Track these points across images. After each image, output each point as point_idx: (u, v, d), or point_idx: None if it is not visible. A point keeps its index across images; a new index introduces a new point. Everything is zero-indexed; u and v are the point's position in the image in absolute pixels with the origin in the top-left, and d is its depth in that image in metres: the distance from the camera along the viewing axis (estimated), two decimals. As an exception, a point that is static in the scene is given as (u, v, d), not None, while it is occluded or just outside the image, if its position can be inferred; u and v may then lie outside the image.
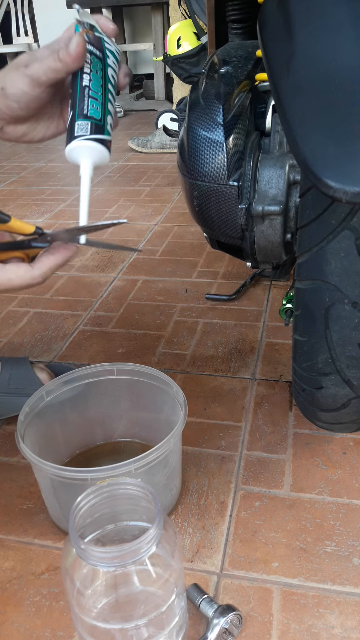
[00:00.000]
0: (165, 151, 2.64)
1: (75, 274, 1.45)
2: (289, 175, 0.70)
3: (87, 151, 0.53)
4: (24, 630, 0.61)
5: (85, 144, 0.53)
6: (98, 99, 0.54)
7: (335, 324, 0.62)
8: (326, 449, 0.83)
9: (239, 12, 1.00)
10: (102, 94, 0.55)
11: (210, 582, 0.65)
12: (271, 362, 1.04)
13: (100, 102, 0.54)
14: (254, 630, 0.59)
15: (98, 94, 0.54)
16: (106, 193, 2.10)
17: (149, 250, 1.56)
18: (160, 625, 0.51)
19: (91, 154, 0.54)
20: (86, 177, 0.54)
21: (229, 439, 0.86)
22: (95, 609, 0.49)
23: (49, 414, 0.75)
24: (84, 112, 0.53)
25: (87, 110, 0.53)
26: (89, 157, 0.54)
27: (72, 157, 0.54)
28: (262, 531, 0.71)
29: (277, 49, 0.55)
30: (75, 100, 0.53)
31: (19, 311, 1.27)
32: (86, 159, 0.54)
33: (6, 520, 0.74)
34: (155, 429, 0.78)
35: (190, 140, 0.71)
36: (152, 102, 3.84)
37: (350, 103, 0.48)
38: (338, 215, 0.57)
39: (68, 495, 0.65)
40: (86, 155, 0.54)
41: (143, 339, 1.13)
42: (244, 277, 1.36)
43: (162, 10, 3.42)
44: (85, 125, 0.53)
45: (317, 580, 0.64)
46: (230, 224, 0.73)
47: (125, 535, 0.56)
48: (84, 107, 0.53)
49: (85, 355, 1.08)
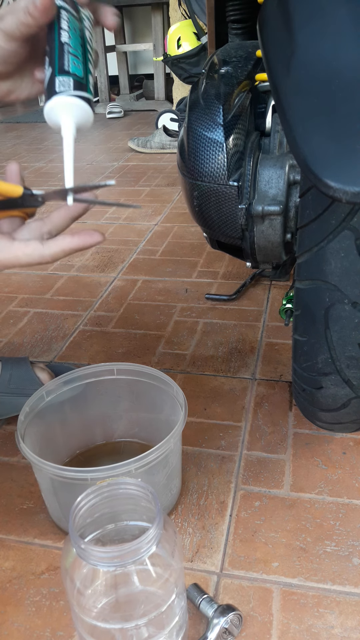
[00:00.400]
0: (165, 151, 2.64)
1: (75, 274, 1.45)
2: (289, 175, 0.70)
3: (70, 109, 0.49)
4: (24, 630, 0.61)
5: (67, 100, 0.49)
6: (79, 57, 0.51)
7: (335, 324, 0.62)
8: (326, 449, 0.83)
9: (239, 12, 1.00)
10: (82, 53, 0.51)
11: (210, 582, 0.65)
12: (271, 362, 1.04)
13: (82, 60, 0.51)
14: (254, 630, 0.59)
15: (78, 52, 0.51)
16: (106, 193, 2.10)
17: (149, 250, 1.56)
18: (160, 625, 0.51)
19: (74, 112, 0.50)
20: (69, 137, 0.50)
21: (229, 439, 0.86)
22: (95, 609, 0.49)
23: (49, 414, 0.75)
24: (65, 68, 0.49)
25: (67, 66, 0.50)
26: (71, 115, 0.49)
27: (52, 117, 0.50)
28: (262, 531, 0.71)
29: (277, 49, 0.55)
30: (54, 56, 0.50)
31: (19, 311, 1.27)
32: (68, 117, 0.49)
33: (6, 520, 0.74)
34: (155, 429, 0.78)
35: (190, 140, 0.71)
36: (152, 102, 3.84)
37: (350, 103, 0.48)
38: (338, 215, 0.57)
39: (68, 495, 0.65)
40: (68, 113, 0.49)
41: (143, 339, 1.13)
42: (244, 277, 1.36)
43: (162, 10, 3.42)
44: (67, 81, 0.49)
45: (317, 580, 0.64)
46: (230, 224, 0.73)
47: (125, 535, 0.56)
48: (64, 62, 0.50)
49: (85, 355, 1.08)
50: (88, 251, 1.57)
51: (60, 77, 0.49)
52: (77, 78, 0.50)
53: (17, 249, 0.51)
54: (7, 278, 1.44)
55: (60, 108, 0.49)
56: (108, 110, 3.66)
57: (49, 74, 0.50)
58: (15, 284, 1.40)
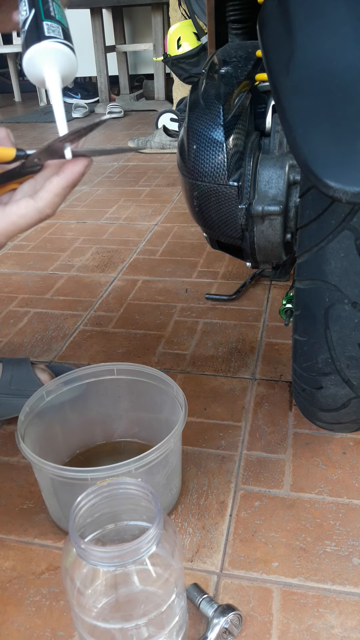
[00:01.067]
0: (165, 151, 2.64)
1: (76, 274, 1.45)
2: (289, 175, 0.70)
3: (58, 57, 0.45)
4: (24, 629, 0.61)
5: (58, 47, 0.45)
6: (60, 7, 0.48)
7: (335, 324, 0.62)
8: (326, 449, 0.83)
9: (239, 13, 1.00)
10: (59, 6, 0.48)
11: (210, 582, 0.65)
12: (271, 362, 1.04)
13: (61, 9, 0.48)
14: (254, 630, 0.59)
15: (58, 3, 0.48)
16: (106, 193, 2.10)
17: (149, 251, 1.56)
18: (160, 624, 0.51)
19: (61, 61, 0.45)
20: (56, 85, 0.46)
21: (229, 439, 0.86)
22: (96, 609, 0.49)
23: (49, 414, 0.75)
24: (51, 14, 0.46)
25: (53, 12, 0.46)
26: (56, 64, 0.45)
27: (35, 62, 0.45)
28: (262, 531, 0.71)
29: (277, 49, 0.55)
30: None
31: (19, 311, 1.27)
32: (53, 66, 0.45)
33: (6, 520, 0.74)
34: (155, 429, 0.78)
35: (190, 140, 0.71)
36: (152, 103, 3.84)
37: (350, 103, 0.48)
38: (338, 215, 0.57)
39: (68, 495, 0.65)
40: (54, 61, 0.45)
41: (143, 339, 1.13)
42: (244, 277, 1.36)
43: (162, 10, 3.42)
44: (56, 27, 0.45)
45: (317, 580, 0.64)
46: (230, 224, 0.73)
47: (125, 535, 0.56)
48: (49, 8, 0.46)
49: (85, 355, 1.08)
50: (88, 251, 1.57)
51: (48, 21, 0.46)
52: (63, 27, 0.47)
53: (11, 213, 0.47)
54: (7, 278, 1.44)
55: (48, 55, 0.45)
56: (108, 111, 3.66)
57: (32, 16, 0.46)
58: (15, 284, 1.40)
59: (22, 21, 0.47)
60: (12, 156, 0.47)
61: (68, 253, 1.58)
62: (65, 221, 1.83)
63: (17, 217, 0.46)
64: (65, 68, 0.46)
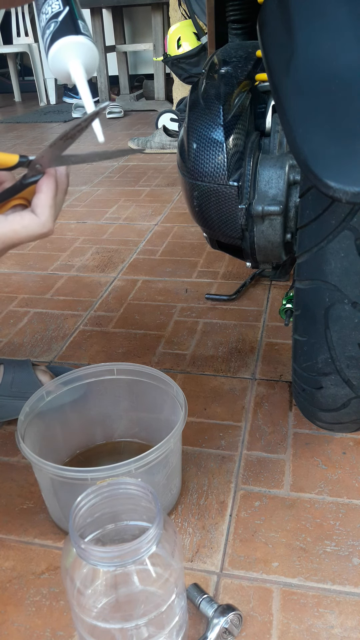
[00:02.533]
0: (165, 151, 2.64)
1: (76, 274, 1.45)
2: (289, 175, 0.70)
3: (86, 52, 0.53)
4: (24, 629, 0.61)
5: (90, 43, 0.53)
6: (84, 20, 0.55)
7: (335, 324, 0.63)
8: (326, 449, 0.83)
9: (239, 13, 1.00)
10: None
11: (210, 582, 0.65)
12: (271, 362, 1.04)
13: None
14: (254, 630, 0.59)
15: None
16: (106, 193, 2.10)
17: (149, 251, 1.56)
18: (160, 624, 0.51)
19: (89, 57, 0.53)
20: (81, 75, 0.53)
21: (229, 439, 0.86)
22: (96, 609, 0.50)
23: (49, 414, 0.75)
24: (82, 16, 0.53)
25: (81, 15, 0.54)
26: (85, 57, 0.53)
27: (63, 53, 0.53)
28: (262, 531, 0.71)
29: (277, 49, 0.55)
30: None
31: (19, 311, 1.27)
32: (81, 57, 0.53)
33: (6, 520, 0.74)
34: (155, 429, 0.78)
35: (190, 140, 0.71)
36: (152, 103, 3.84)
37: (350, 103, 0.48)
38: (338, 215, 0.57)
39: (68, 495, 0.65)
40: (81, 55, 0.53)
41: (143, 339, 1.13)
42: (244, 277, 1.36)
43: (162, 10, 3.42)
44: (87, 27, 0.53)
45: (317, 580, 0.64)
46: (230, 224, 0.74)
47: (125, 535, 0.56)
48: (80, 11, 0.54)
49: (85, 356, 1.08)
50: (88, 251, 1.57)
51: (80, 21, 0.53)
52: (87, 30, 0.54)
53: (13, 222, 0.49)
54: (7, 278, 1.44)
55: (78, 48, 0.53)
56: (108, 110, 3.66)
57: (67, 11, 0.53)
58: (15, 284, 1.40)
59: (53, 13, 0.53)
60: (14, 162, 0.50)
61: (68, 253, 1.58)
62: (65, 221, 1.83)
63: (19, 226, 0.49)
64: (89, 63, 0.54)
